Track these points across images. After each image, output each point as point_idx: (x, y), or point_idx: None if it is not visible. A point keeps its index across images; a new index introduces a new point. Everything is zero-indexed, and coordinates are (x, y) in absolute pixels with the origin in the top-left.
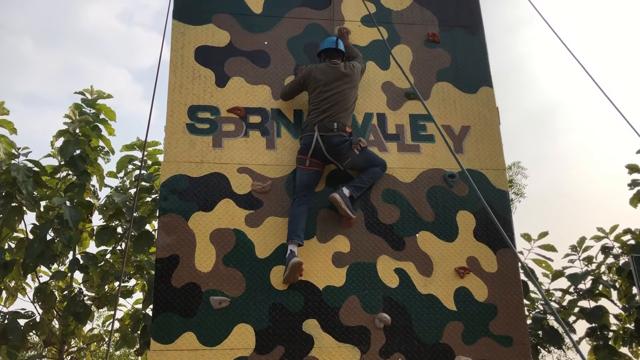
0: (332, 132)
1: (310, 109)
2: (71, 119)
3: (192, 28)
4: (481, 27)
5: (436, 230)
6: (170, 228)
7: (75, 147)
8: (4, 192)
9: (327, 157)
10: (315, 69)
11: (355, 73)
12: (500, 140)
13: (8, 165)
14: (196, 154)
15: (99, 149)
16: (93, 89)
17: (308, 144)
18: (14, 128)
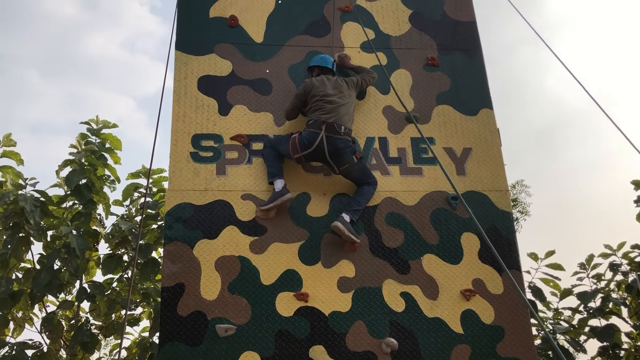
0: (339, 134)
1: (313, 109)
2: (77, 148)
3: (194, 58)
4: (480, 50)
5: (441, 253)
6: (176, 256)
7: (81, 177)
8: (12, 223)
9: (328, 159)
10: (314, 81)
11: (349, 86)
12: (502, 162)
13: (16, 196)
14: (200, 182)
15: (104, 177)
16: (98, 119)
17: (311, 140)
18: (20, 159)
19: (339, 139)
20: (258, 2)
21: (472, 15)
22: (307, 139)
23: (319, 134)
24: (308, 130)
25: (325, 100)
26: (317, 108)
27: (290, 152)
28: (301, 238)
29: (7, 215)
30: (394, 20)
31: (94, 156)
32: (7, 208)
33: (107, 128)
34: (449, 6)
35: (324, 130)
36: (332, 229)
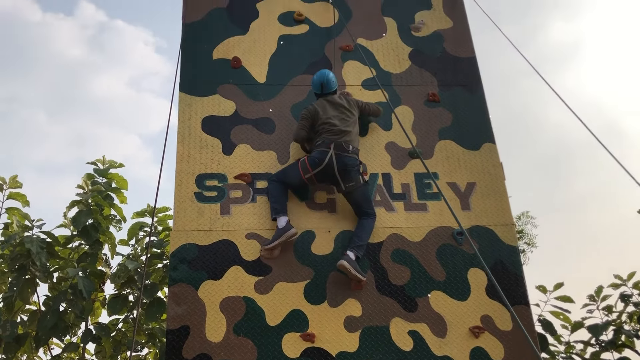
0: (347, 152)
1: (320, 130)
2: (84, 188)
3: (198, 99)
4: (480, 85)
5: (448, 290)
6: (180, 298)
7: (87, 217)
8: (18, 265)
9: (336, 176)
10: (316, 107)
11: (350, 104)
12: (506, 196)
13: (22, 238)
14: (205, 222)
15: (110, 217)
16: (105, 159)
17: (321, 158)
18: (26, 200)
19: (348, 156)
20: (260, 44)
21: (471, 51)
22: (317, 157)
23: (328, 152)
24: (317, 150)
25: (331, 123)
26: (325, 131)
27: (301, 173)
28: (306, 277)
29: (13, 257)
30: (394, 58)
31: (101, 196)
32: (13, 250)
33: (114, 168)
34: (449, 43)
35: (333, 149)
36: (338, 267)
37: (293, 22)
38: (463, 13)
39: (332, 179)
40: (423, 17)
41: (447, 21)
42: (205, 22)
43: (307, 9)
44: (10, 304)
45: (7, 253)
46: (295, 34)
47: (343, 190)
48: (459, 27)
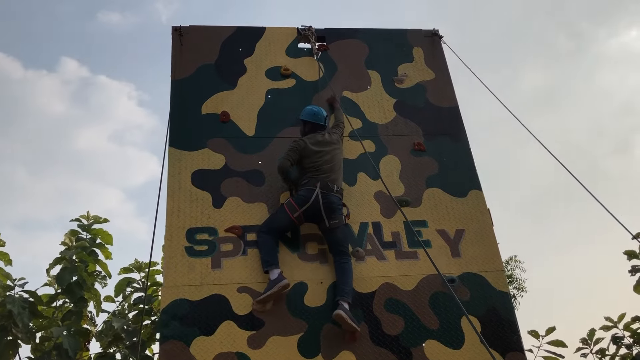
0: (332, 191)
1: (306, 169)
2: (67, 245)
3: (188, 154)
4: (464, 133)
5: (442, 338)
6: (172, 356)
7: (72, 274)
8: None
9: (321, 213)
10: (307, 140)
11: (338, 140)
12: (495, 242)
13: (3, 298)
14: (195, 276)
15: (95, 273)
16: (89, 214)
17: (308, 196)
18: (9, 259)
19: (333, 195)
20: (248, 98)
21: (453, 100)
22: (304, 195)
23: (314, 190)
24: (303, 189)
25: (320, 162)
26: (311, 168)
27: (289, 214)
28: (300, 330)
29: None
30: (379, 109)
31: (85, 252)
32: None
33: (98, 223)
34: (431, 94)
35: (319, 187)
36: (334, 318)
37: (280, 77)
38: (444, 65)
39: (317, 217)
40: (405, 70)
41: (429, 73)
42: (193, 78)
43: (293, 64)
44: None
45: None
46: (283, 88)
47: (327, 227)
48: (440, 78)
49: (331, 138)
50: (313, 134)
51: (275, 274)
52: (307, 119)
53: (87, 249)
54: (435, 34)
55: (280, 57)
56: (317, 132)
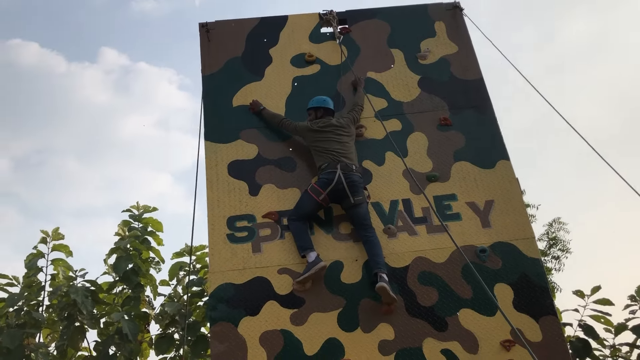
0: (352, 171)
1: (321, 152)
2: (121, 235)
3: (222, 146)
4: (489, 105)
5: (476, 307)
6: (222, 336)
7: (127, 263)
8: (66, 314)
9: (346, 192)
10: (311, 125)
11: (347, 124)
12: (525, 210)
13: (67, 288)
14: (238, 261)
15: (149, 260)
16: (139, 205)
17: (331, 178)
18: (70, 251)
19: (354, 174)
20: (276, 87)
21: (478, 73)
22: (326, 178)
23: (335, 172)
24: (324, 172)
25: (332, 146)
26: (326, 151)
27: (315, 197)
28: (339, 306)
29: (61, 307)
30: (403, 87)
31: (138, 241)
32: (60, 300)
33: (148, 212)
34: (455, 67)
35: (340, 169)
36: (377, 290)
37: (305, 64)
38: (467, 37)
39: (342, 196)
40: (428, 45)
41: (452, 46)
42: (222, 73)
43: (317, 49)
44: (62, 351)
45: (56, 303)
46: (308, 74)
47: (352, 204)
48: (463, 51)
49: (340, 122)
50: (323, 119)
51: (312, 256)
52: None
53: (139, 238)
54: (457, 6)
55: (304, 43)
56: (326, 117)
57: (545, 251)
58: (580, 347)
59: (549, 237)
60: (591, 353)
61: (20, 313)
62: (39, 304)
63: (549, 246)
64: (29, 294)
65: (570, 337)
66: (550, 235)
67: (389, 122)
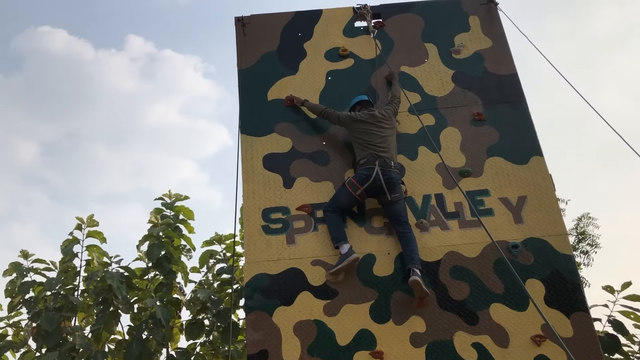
0: (390, 168)
1: (362, 145)
2: (153, 223)
3: (258, 139)
4: (523, 100)
5: (507, 301)
6: (257, 325)
7: (160, 250)
8: (102, 299)
9: (383, 189)
10: (355, 116)
11: (389, 116)
12: (557, 206)
13: (103, 274)
14: (273, 252)
15: (181, 247)
16: (171, 193)
17: (369, 175)
18: (103, 237)
19: (392, 171)
20: (310, 81)
21: (512, 68)
22: (364, 174)
23: (374, 168)
24: (363, 168)
25: (373, 139)
26: (367, 144)
27: (352, 192)
28: (371, 298)
29: (97, 292)
30: (437, 82)
31: (170, 228)
32: (96, 285)
33: (179, 200)
34: (489, 62)
35: (378, 165)
36: (410, 284)
37: (339, 58)
38: (501, 31)
39: (379, 192)
40: (462, 40)
41: (486, 41)
42: (258, 67)
43: (350, 44)
44: (98, 335)
45: (92, 288)
46: (342, 69)
47: (389, 201)
48: (498, 45)
49: (382, 114)
50: (364, 112)
51: (345, 248)
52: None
53: (171, 226)
54: (491, 0)
55: (338, 38)
56: (368, 109)
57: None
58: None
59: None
60: (620, 349)
61: (58, 297)
62: (75, 288)
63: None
64: (65, 279)
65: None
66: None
67: (423, 117)
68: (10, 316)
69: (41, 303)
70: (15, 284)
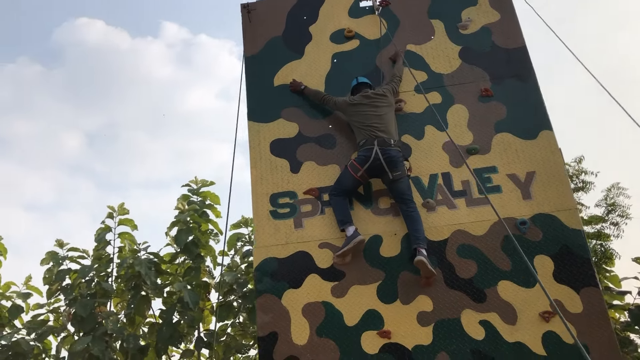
0: (390, 146)
1: (360, 127)
2: (180, 209)
3: (265, 125)
4: (532, 74)
5: (515, 278)
6: (267, 307)
7: (187, 235)
8: (133, 284)
9: (384, 167)
10: (349, 100)
11: (384, 94)
12: (567, 181)
13: (133, 260)
14: (281, 236)
15: (209, 232)
16: (197, 179)
17: (368, 155)
18: (134, 225)
19: (392, 149)
20: (316, 65)
21: (521, 41)
22: (364, 155)
23: (373, 148)
24: (363, 149)
25: (370, 120)
26: (364, 127)
27: (353, 174)
28: (378, 278)
29: (127, 278)
30: (444, 59)
31: (197, 214)
32: (127, 272)
33: (205, 186)
34: (497, 36)
35: (377, 145)
36: (415, 264)
37: (344, 39)
38: (510, 4)
39: (381, 171)
40: (469, 14)
41: (494, 14)
42: (264, 53)
43: (356, 24)
44: (131, 319)
45: (122, 274)
46: (347, 50)
47: (390, 179)
48: (506, 18)
49: (377, 93)
50: (359, 94)
51: (351, 230)
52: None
53: (198, 211)
54: None
55: (343, 19)
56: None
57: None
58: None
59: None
60: None
61: (91, 284)
62: (108, 275)
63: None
64: (98, 266)
65: (629, 305)
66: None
67: (429, 95)
68: (50, 303)
69: (76, 290)
70: (52, 272)
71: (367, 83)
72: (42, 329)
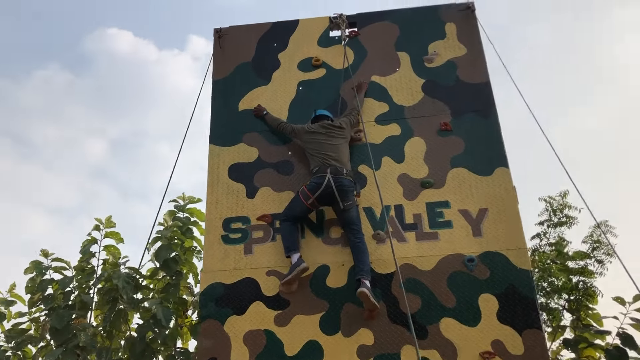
0: (342, 175)
1: (314, 154)
2: (163, 225)
3: (225, 149)
4: (493, 109)
5: (458, 316)
6: (209, 333)
7: (168, 251)
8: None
9: (335, 196)
10: (307, 128)
11: (341, 126)
12: (519, 220)
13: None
14: (230, 262)
15: (192, 248)
16: (185, 196)
17: (320, 182)
18: (120, 238)
19: (344, 178)
20: (281, 92)
21: (485, 76)
22: (316, 182)
23: (325, 176)
24: (315, 176)
25: (324, 149)
26: (318, 155)
27: (303, 201)
28: (322, 309)
29: (105, 291)
30: (407, 91)
31: (180, 231)
32: (104, 285)
33: (192, 203)
34: (462, 70)
35: (330, 173)
36: (358, 295)
37: (311, 68)
38: (477, 39)
39: (332, 200)
40: (436, 48)
41: (461, 48)
42: (232, 77)
43: (324, 54)
44: (109, 332)
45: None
46: (313, 79)
47: (341, 209)
48: (472, 52)
49: (334, 124)
50: (317, 124)
51: (295, 258)
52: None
53: (182, 228)
54: (469, 7)
55: (312, 48)
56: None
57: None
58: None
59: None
60: None
61: (71, 296)
62: (90, 287)
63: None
64: (81, 278)
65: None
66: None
67: (389, 127)
68: (31, 312)
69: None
70: (35, 282)
71: (327, 115)
72: (21, 338)
